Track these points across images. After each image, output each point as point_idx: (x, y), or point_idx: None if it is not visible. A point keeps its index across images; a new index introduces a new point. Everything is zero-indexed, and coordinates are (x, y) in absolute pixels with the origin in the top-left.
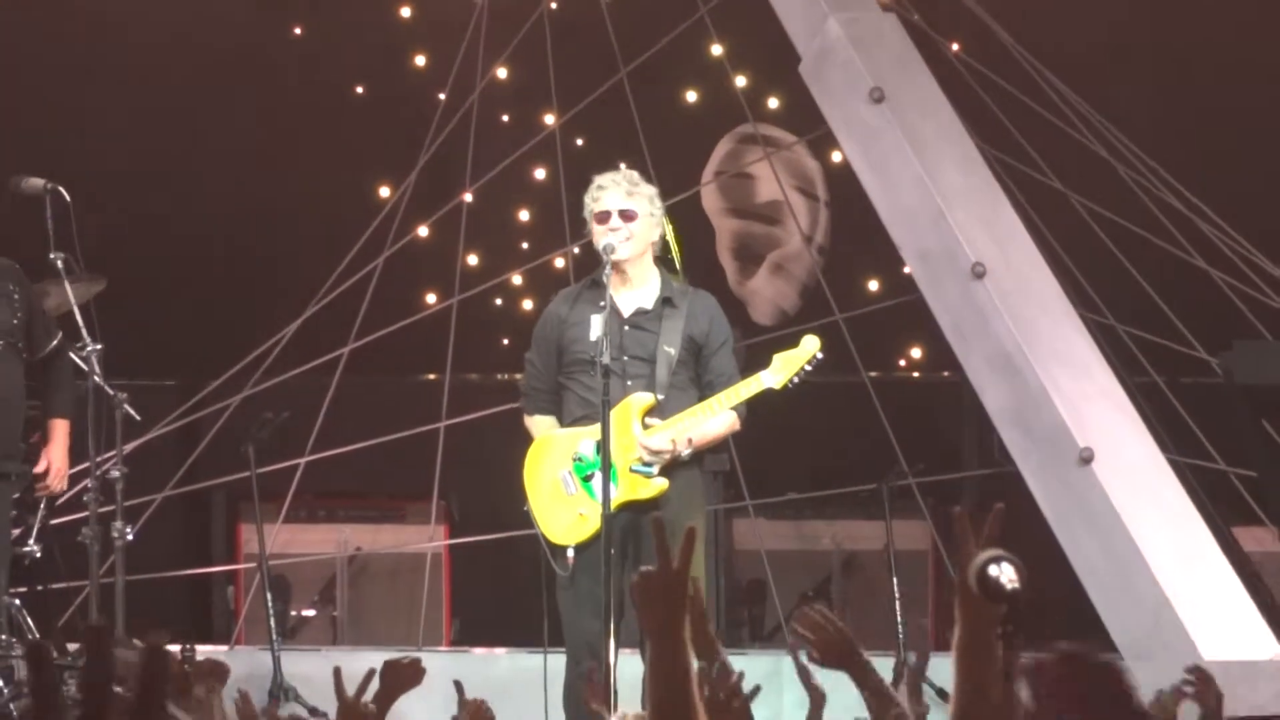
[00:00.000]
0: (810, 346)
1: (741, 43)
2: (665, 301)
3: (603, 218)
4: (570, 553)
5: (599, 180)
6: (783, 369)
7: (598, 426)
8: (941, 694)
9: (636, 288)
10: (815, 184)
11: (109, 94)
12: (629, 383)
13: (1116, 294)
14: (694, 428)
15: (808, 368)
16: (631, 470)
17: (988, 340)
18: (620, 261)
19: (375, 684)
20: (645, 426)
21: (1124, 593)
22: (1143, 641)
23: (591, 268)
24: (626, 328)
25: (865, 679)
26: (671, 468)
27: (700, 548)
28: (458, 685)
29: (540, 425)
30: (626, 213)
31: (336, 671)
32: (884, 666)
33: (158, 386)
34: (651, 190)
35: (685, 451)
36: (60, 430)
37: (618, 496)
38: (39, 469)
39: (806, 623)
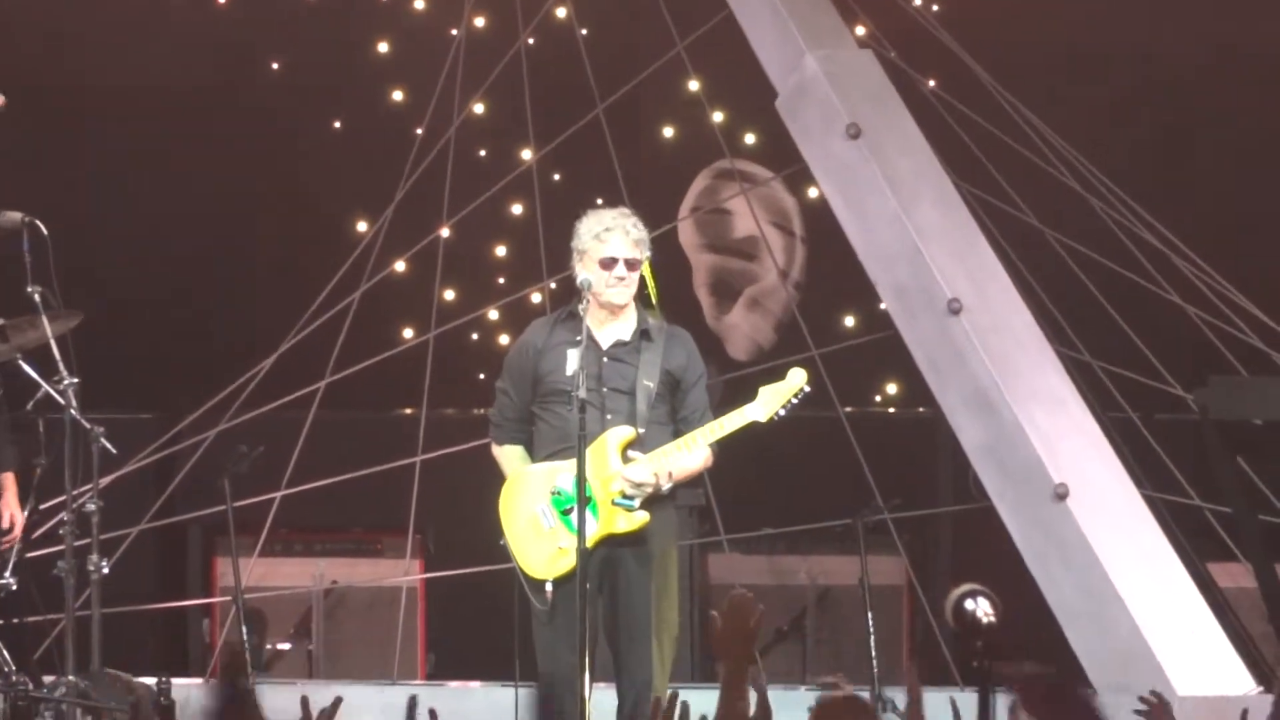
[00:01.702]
0: (797, 380)
1: (718, 78)
2: (643, 334)
3: (608, 264)
4: (549, 587)
5: (605, 221)
6: (769, 402)
7: (575, 461)
8: None
9: (614, 322)
10: (791, 219)
11: (85, 127)
12: (608, 416)
13: (1092, 330)
14: (675, 462)
15: (794, 400)
16: (614, 504)
17: (963, 376)
18: (617, 305)
19: (340, 714)
20: (626, 460)
21: (1099, 628)
22: (1117, 676)
23: (568, 302)
24: (605, 359)
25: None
26: (646, 503)
27: (675, 581)
28: (432, 714)
29: (509, 456)
30: (631, 262)
31: (304, 701)
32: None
33: (134, 420)
34: (644, 234)
35: (666, 485)
36: (10, 483)
37: (597, 530)
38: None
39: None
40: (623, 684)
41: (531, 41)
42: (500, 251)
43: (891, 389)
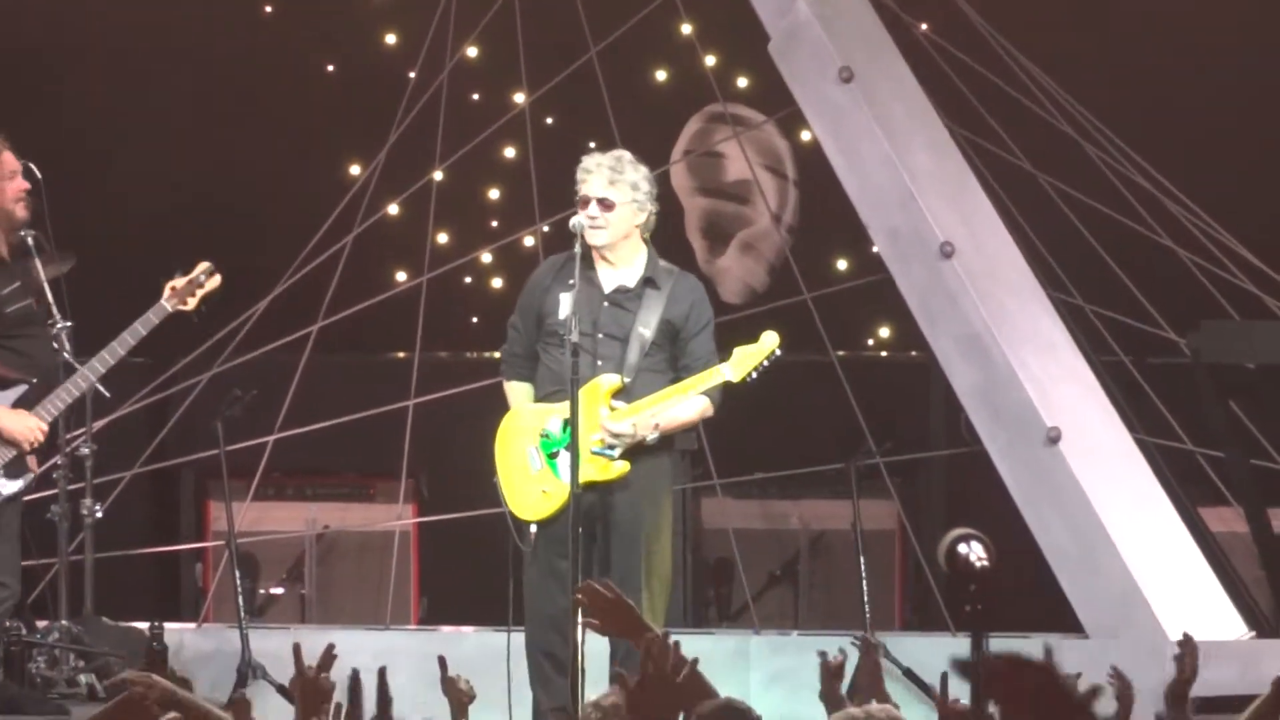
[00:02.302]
0: (768, 343)
1: (710, 22)
2: (647, 282)
3: (583, 203)
4: (533, 529)
5: (585, 162)
6: (740, 363)
7: (566, 404)
8: (908, 673)
9: (620, 267)
10: (784, 163)
11: (76, 71)
12: (599, 362)
13: (1084, 274)
14: (660, 413)
15: (765, 364)
16: (593, 453)
17: (955, 320)
18: (596, 247)
19: (335, 658)
20: (611, 409)
21: (1091, 573)
22: (1110, 621)
23: (560, 247)
24: (605, 304)
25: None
26: (639, 452)
27: (668, 530)
28: (441, 661)
29: (516, 391)
30: (604, 201)
31: (296, 648)
32: (846, 643)
33: (127, 364)
34: (638, 175)
35: (651, 436)
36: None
37: (579, 477)
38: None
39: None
40: None
41: None
42: (493, 195)
43: (884, 333)
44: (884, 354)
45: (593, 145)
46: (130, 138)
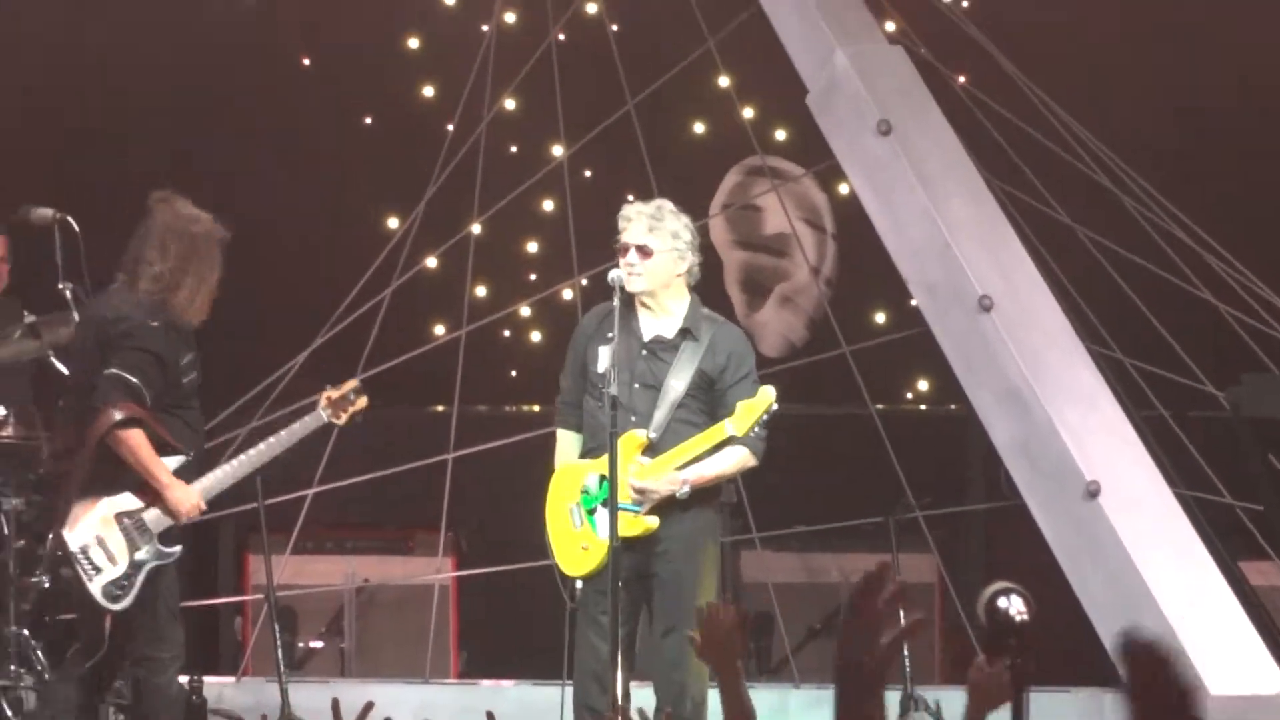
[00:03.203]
0: (766, 397)
1: (749, 74)
2: (684, 333)
3: (622, 250)
4: (579, 585)
5: (625, 211)
6: (742, 418)
7: (601, 460)
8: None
9: (660, 316)
10: (823, 216)
11: (116, 125)
12: (632, 416)
13: (1123, 327)
14: (689, 469)
15: (765, 417)
16: (620, 508)
17: (994, 373)
18: (634, 293)
19: (373, 716)
20: (639, 465)
21: (1131, 626)
22: None
23: (599, 300)
24: (644, 353)
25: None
26: (676, 506)
27: (712, 584)
28: (490, 716)
29: (564, 440)
30: (643, 248)
31: (335, 703)
32: (891, 699)
33: None
34: (678, 224)
35: (681, 492)
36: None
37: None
38: None
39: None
40: (658, 682)
41: (562, 37)
42: (531, 247)
43: (923, 386)
44: (923, 407)
45: (630, 198)
46: (169, 190)
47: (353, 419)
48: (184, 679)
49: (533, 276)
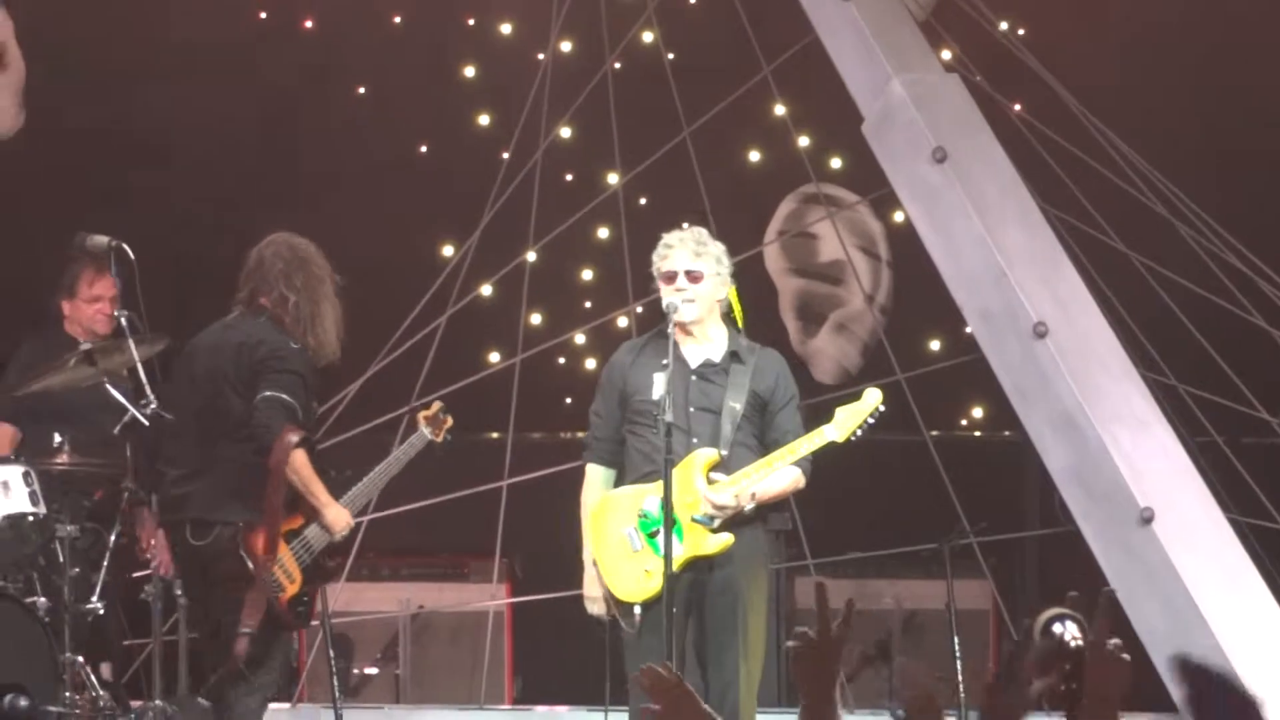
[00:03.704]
0: (872, 399)
1: (804, 102)
2: (733, 356)
3: (669, 278)
4: (637, 610)
5: (667, 239)
6: (845, 422)
7: (661, 483)
8: None
9: (703, 343)
10: (877, 243)
11: (174, 157)
12: (694, 439)
13: (1177, 353)
14: (757, 483)
15: (870, 420)
16: (693, 520)
17: (1049, 400)
18: (685, 322)
19: None
20: (710, 482)
21: (1184, 652)
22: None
23: (654, 326)
24: (694, 378)
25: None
26: (735, 525)
27: (764, 606)
28: None
29: (593, 475)
30: (693, 274)
31: None
32: None
33: None
34: (719, 249)
35: (748, 506)
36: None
37: (683, 553)
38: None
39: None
40: (710, 706)
41: (618, 65)
42: (586, 275)
43: (977, 413)
44: (978, 434)
45: (685, 226)
46: (222, 218)
47: (446, 437)
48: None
49: (588, 304)
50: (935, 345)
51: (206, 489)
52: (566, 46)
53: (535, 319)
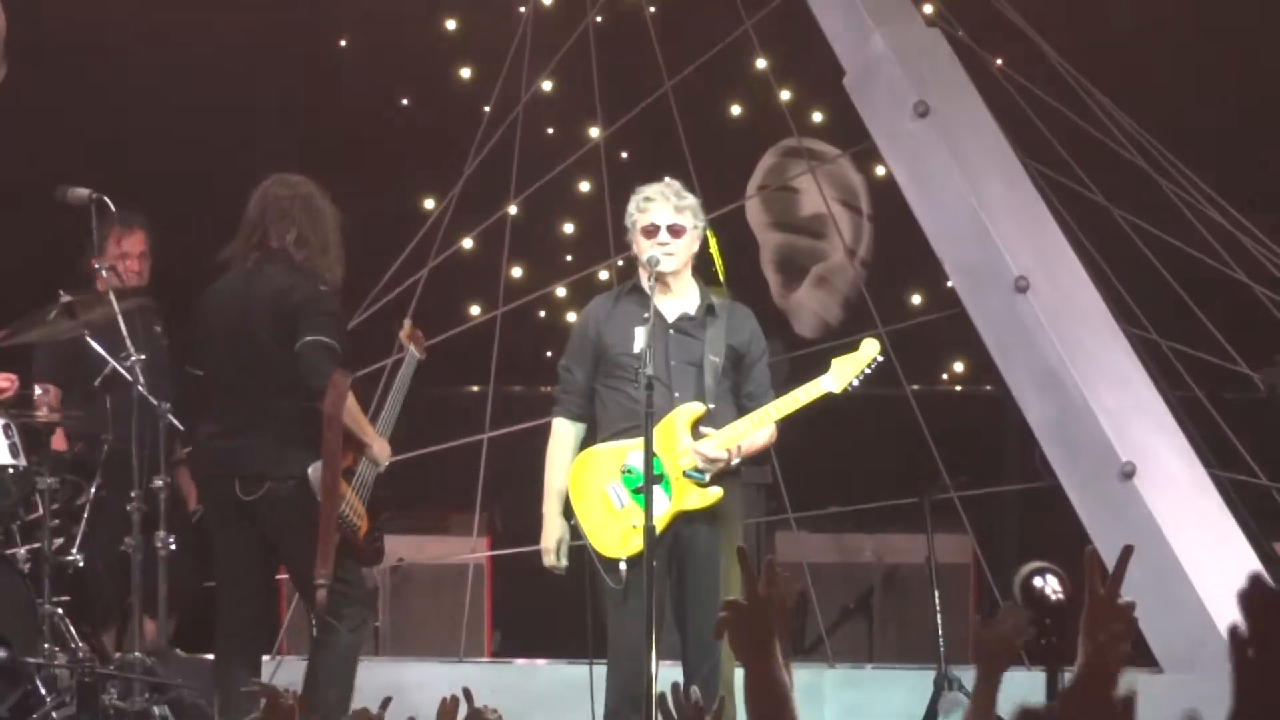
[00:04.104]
0: (870, 350)
1: (786, 57)
2: (708, 310)
3: (650, 231)
4: (623, 566)
5: (645, 192)
6: (842, 373)
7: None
8: None
9: (678, 297)
10: (859, 197)
11: (152, 105)
12: (675, 393)
13: (1159, 308)
14: (744, 436)
15: (867, 370)
16: (685, 475)
17: (1030, 354)
18: (664, 274)
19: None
20: (697, 435)
21: (1166, 607)
22: (1184, 656)
23: (634, 277)
24: (672, 332)
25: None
26: (717, 478)
27: (735, 562)
28: (466, 692)
29: (561, 429)
30: (674, 228)
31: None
32: (926, 678)
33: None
34: (695, 202)
35: (735, 460)
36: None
37: (669, 508)
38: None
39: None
40: (690, 662)
41: (600, 19)
42: (568, 229)
43: (959, 367)
44: (958, 388)
45: (667, 180)
46: (201, 170)
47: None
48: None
49: (569, 257)
50: (916, 299)
51: (260, 443)
52: (548, 0)
53: (516, 272)
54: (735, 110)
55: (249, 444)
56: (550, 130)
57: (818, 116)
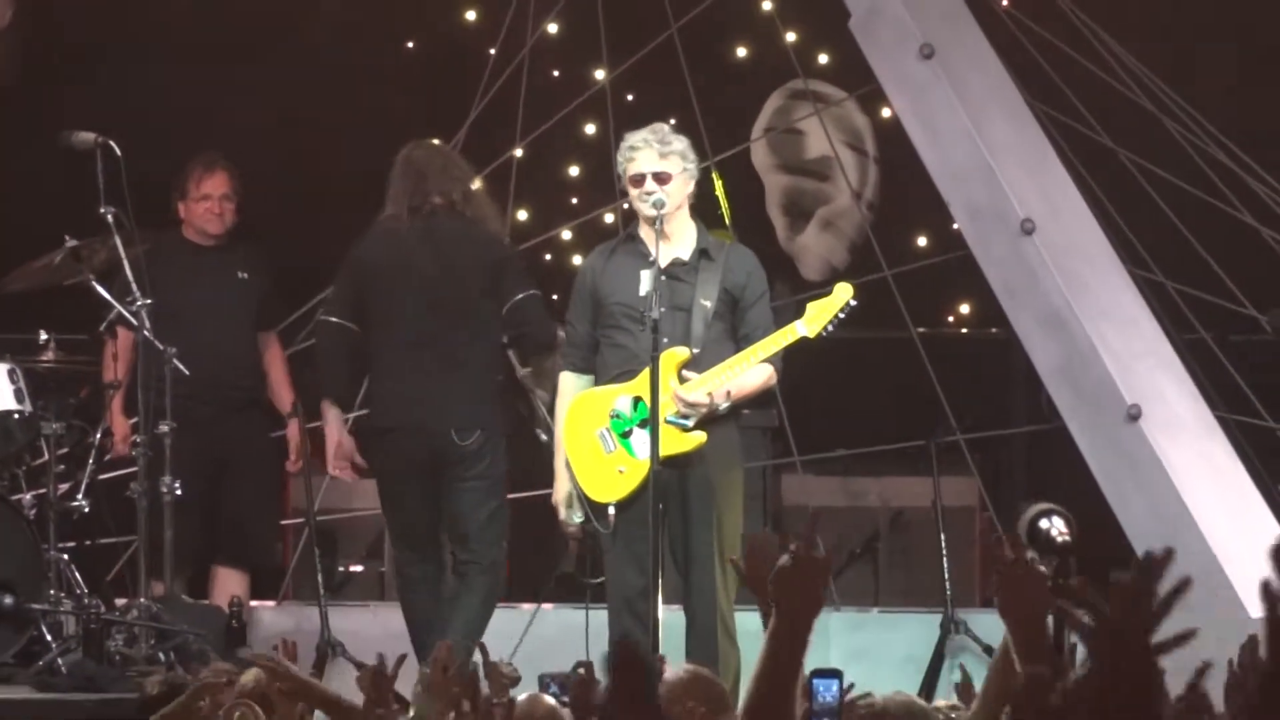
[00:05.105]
0: (843, 295)
1: None
2: (702, 254)
3: (637, 180)
4: (611, 511)
5: (630, 140)
6: (815, 317)
7: (633, 383)
8: (990, 651)
9: (674, 242)
10: (865, 140)
11: (156, 50)
12: (664, 338)
13: (1165, 251)
14: (730, 380)
15: (840, 315)
16: (667, 422)
17: (1036, 297)
18: (654, 219)
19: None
20: (681, 380)
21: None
22: (1191, 600)
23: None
24: (663, 278)
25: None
26: (708, 423)
27: (739, 503)
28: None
29: (567, 382)
30: (660, 175)
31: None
32: (932, 621)
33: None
34: (683, 145)
35: (723, 405)
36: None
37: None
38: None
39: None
40: (690, 606)
41: None
42: (573, 172)
43: (965, 309)
44: (964, 330)
45: (672, 122)
46: (204, 115)
47: None
48: (224, 604)
49: (574, 200)
50: (922, 241)
51: (464, 392)
52: None
53: (522, 215)
54: (741, 52)
55: (453, 393)
56: (556, 73)
57: (823, 59)
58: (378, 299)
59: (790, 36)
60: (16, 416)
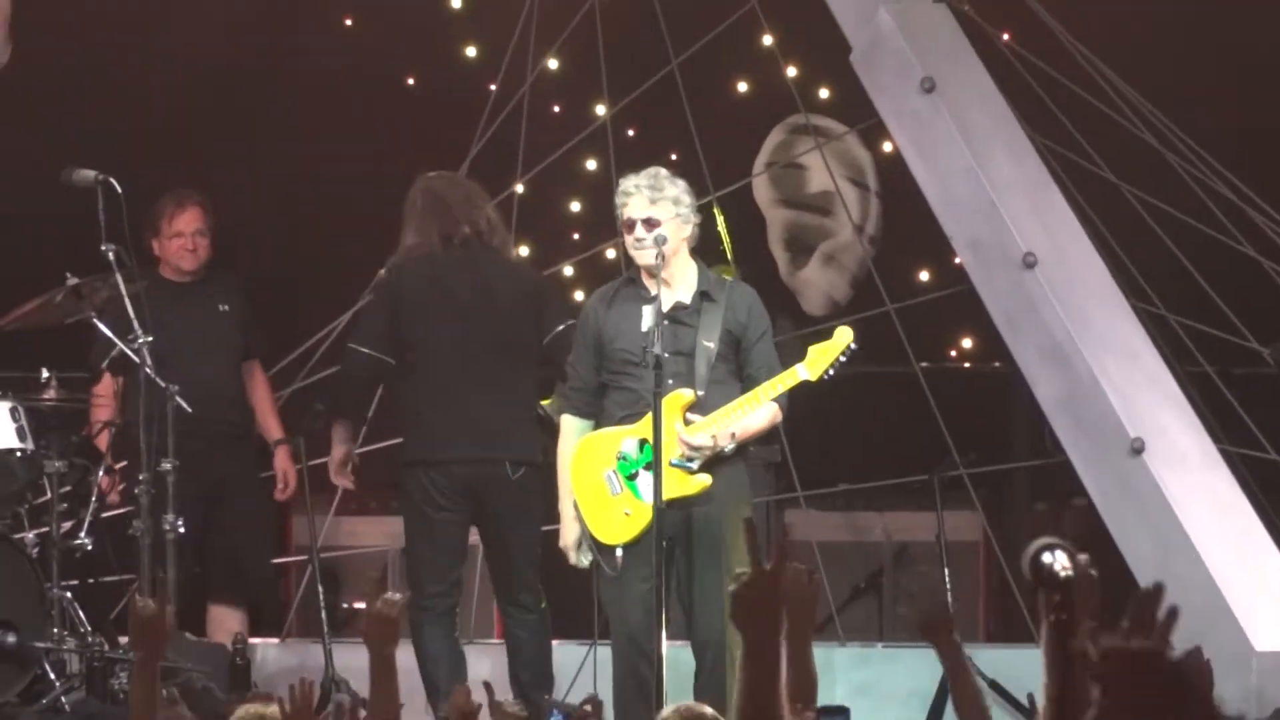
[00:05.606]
0: (843, 338)
1: (792, 33)
2: (703, 295)
3: (627, 226)
4: (619, 552)
5: (623, 185)
6: (816, 361)
7: (640, 425)
8: (994, 685)
9: (674, 285)
10: (866, 174)
11: (157, 86)
12: (669, 380)
13: (1167, 284)
14: (735, 422)
15: (841, 359)
16: (671, 465)
17: (1039, 330)
18: (649, 267)
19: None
20: (686, 422)
21: (1175, 583)
22: (1193, 631)
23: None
24: (666, 322)
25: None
26: (715, 464)
27: (744, 546)
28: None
29: (568, 425)
30: (649, 221)
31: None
32: (935, 657)
33: None
34: (677, 190)
35: (728, 446)
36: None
37: (663, 494)
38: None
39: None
40: (697, 643)
41: None
42: (574, 207)
43: (967, 343)
44: (967, 365)
45: (674, 157)
46: (209, 151)
47: None
48: (228, 641)
49: (576, 236)
50: (924, 276)
51: (510, 422)
52: None
53: (523, 251)
54: (742, 87)
55: (504, 424)
56: (556, 109)
57: (824, 93)
58: (416, 330)
59: (791, 71)
60: (19, 455)
